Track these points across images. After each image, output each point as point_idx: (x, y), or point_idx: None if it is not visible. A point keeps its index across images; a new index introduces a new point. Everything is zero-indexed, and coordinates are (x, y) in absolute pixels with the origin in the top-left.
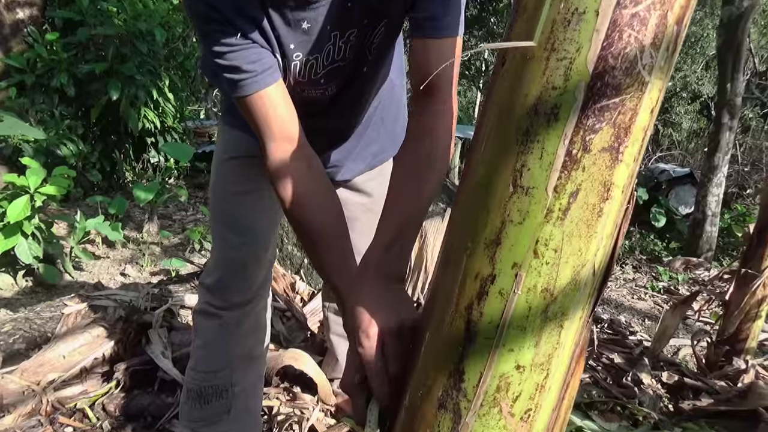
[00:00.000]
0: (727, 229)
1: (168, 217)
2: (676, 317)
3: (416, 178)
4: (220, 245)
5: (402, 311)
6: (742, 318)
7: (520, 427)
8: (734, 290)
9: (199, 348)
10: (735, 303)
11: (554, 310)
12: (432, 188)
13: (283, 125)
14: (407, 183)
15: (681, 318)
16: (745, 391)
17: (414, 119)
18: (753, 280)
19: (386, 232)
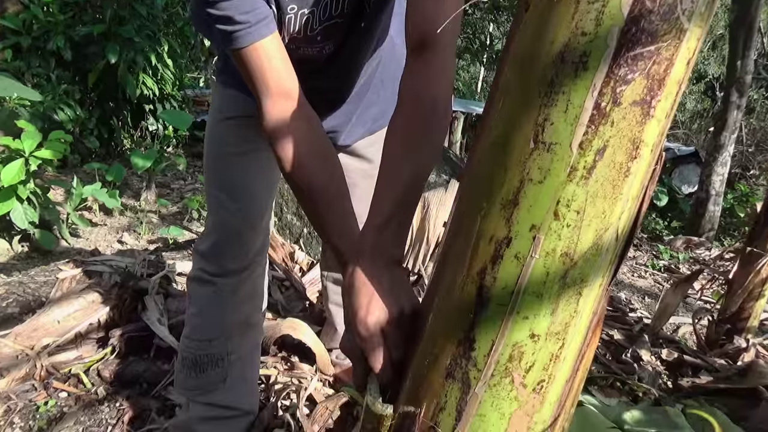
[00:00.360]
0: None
1: (166, 185)
2: (677, 295)
3: (413, 146)
4: (215, 210)
5: (401, 297)
6: (744, 297)
7: (532, 399)
8: (738, 269)
9: (193, 316)
10: (738, 282)
11: (573, 276)
12: (431, 157)
13: (279, 80)
14: (404, 152)
15: (682, 296)
16: (745, 369)
17: (409, 79)
18: (758, 259)
19: (382, 208)
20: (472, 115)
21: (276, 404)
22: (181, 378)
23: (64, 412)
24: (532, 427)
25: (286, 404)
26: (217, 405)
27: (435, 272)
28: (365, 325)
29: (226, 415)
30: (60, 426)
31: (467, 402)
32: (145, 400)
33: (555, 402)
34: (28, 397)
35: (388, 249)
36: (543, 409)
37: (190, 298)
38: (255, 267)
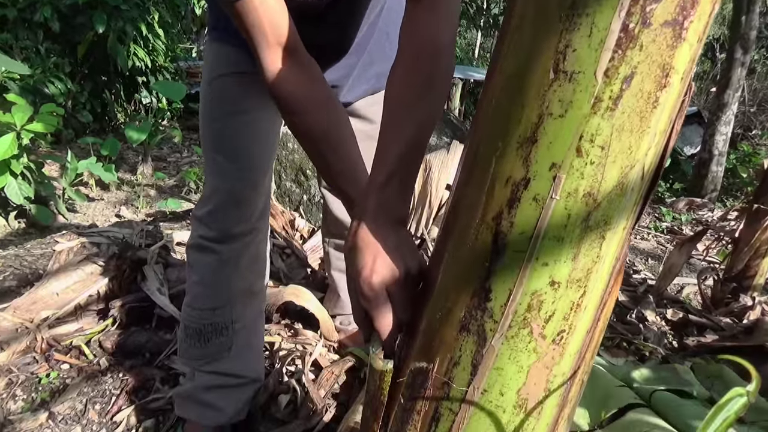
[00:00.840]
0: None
1: (162, 159)
2: (682, 255)
3: (416, 102)
4: (214, 173)
5: (407, 256)
6: (751, 255)
7: (552, 351)
8: (745, 227)
9: (195, 284)
10: (744, 240)
11: (596, 218)
12: (434, 114)
13: (277, 30)
14: (405, 108)
15: (687, 256)
16: (751, 327)
17: (410, 25)
18: (765, 216)
19: (383, 165)
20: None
21: (281, 370)
22: (184, 347)
23: (66, 383)
24: (551, 380)
25: (291, 370)
26: (222, 373)
27: (445, 223)
28: (369, 285)
29: (232, 384)
30: (63, 397)
31: (483, 355)
32: (149, 369)
33: (575, 353)
34: (29, 369)
35: (392, 207)
36: (562, 361)
37: (190, 266)
38: (257, 232)
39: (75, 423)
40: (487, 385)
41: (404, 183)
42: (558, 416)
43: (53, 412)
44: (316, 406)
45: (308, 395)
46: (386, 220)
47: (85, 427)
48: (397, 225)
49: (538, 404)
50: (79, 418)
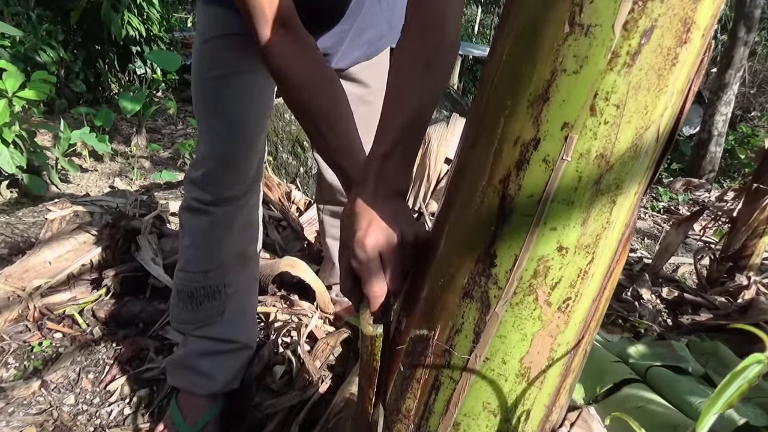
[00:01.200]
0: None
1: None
2: (679, 234)
3: (422, 73)
4: (207, 135)
5: (403, 224)
6: (748, 234)
7: (557, 319)
8: (743, 206)
9: (187, 248)
10: (742, 219)
11: (608, 181)
12: (439, 86)
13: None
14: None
15: (684, 235)
16: (746, 306)
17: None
18: (764, 195)
19: (386, 136)
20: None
21: (276, 341)
22: (176, 312)
23: (59, 352)
24: (555, 349)
25: (287, 341)
26: (214, 338)
27: (448, 188)
28: (363, 247)
29: (224, 349)
30: (56, 366)
31: (486, 323)
32: (143, 339)
33: (580, 322)
34: (21, 338)
35: (393, 178)
36: (567, 330)
37: (182, 229)
38: (251, 195)
39: (68, 392)
40: (490, 353)
41: (406, 155)
42: (560, 386)
43: (46, 381)
44: (311, 377)
45: (304, 366)
46: (386, 190)
47: (78, 395)
48: (396, 196)
49: (540, 373)
50: (72, 386)
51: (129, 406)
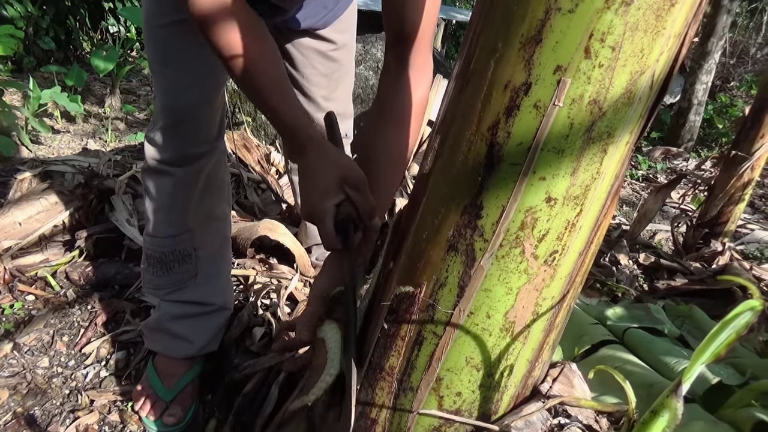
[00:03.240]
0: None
1: (132, 92)
2: (658, 201)
3: (406, 153)
4: (162, 88)
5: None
6: (725, 201)
7: (543, 272)
8: (721, 173)
9: (153, 211)
10: (720, 186)
11: (600, 128)
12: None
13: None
14: (398, 164)
15: (662, 202)
16: (720, 271)
17: (393, 83)
18: (742, 162)
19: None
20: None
21: (256, 303)
22: (148, 277)
23: (32, 314)
24: (539, 304)
25: (266, 303)
26: (189, 302)
27: (433, 138)
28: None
29: (199, 312)
30: (29, 328)
31: (471, 276)
32: (118, 302)
33: (566, 277)
34: None
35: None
36: (553, 284)
37: (146, 192)
38: (213, 153)
39: (42, 354)
40: (474, 308)
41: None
42: (544, 341)
43: (18, 343)
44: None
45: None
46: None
47: (52, 358)
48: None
49: (525, 328)
50: (46, 349)
51: (105, 368)
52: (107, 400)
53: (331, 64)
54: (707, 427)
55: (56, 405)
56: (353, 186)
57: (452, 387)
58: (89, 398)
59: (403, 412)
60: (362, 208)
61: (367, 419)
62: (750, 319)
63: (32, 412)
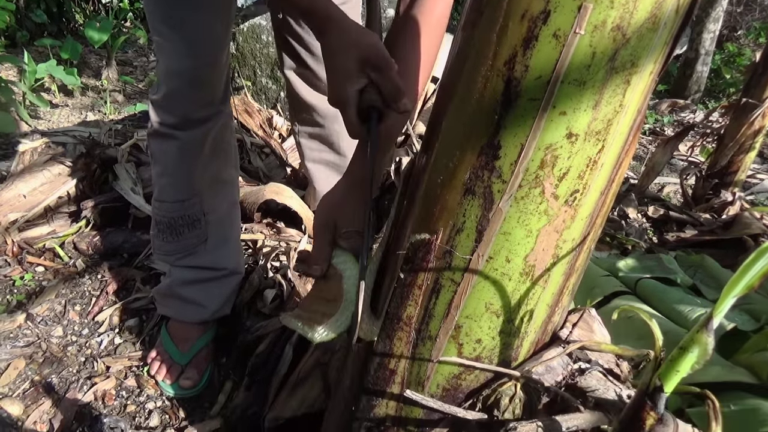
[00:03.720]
0: (715, 70)
1: (128, 63)
2: (666, 153)
3: (431, 51)
4: (164, 51)
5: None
6: (735, 150)
7: (563, 213)
8: (731, 122)
9: (159, 176)
10: (730, 135)
11: (623, 57)
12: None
13: None
14: (422, 57)
15: (671, 154)
16: (730, 222)
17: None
18: (753, 109)
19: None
20: None
21: (265, 266)
22: (158, 243)
23: (43, 285)
24: (560, 246)
25: (276, 266)
26: (200, 267)
27: (446, 78)
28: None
29: (211, 276)
30: (41, 299)
31: (489, 220)
32: (128, 270)
33: (586, 217)
34: (1, 272)
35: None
36: (573, 225)
37: (152, 157)
38: (219, 116)
39: (55, 323)
40: (493, 252)
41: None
42: (564, 285)
43: (31, 314)
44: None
45: (294, 290)
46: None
47: (66, 327)
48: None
49: (545, 272)
50: (59, 318)
51: (119, 335)
52: (123, 366)
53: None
54: (723, 371)
55: (73, 372)
56: (375, 67)
57: (472, 334)
58: (105, 365)
59: (422, 361)
60: (386, 91)
61: (386, 370)
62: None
63: (49, 380)
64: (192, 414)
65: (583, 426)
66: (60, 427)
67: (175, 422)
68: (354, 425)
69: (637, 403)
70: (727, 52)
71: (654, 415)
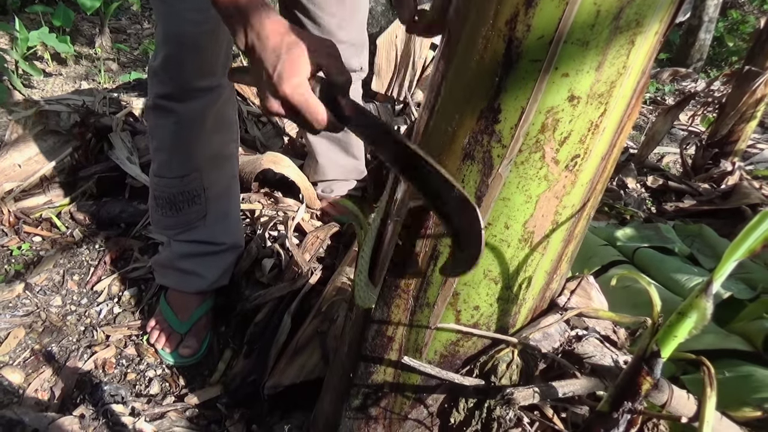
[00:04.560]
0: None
1: (122, 31)
2: (666, 122)
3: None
4: (162, 15)
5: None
6: (737, 119)
7: (564, 178)
8: (733, 90)
9: (157, 151)
10: (731, 103)
11: (629, 16)
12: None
13: None
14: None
15: (671, 123)
16: (729, 191)
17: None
18: (755, 77)
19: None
20: None
21: (264, 235)
22: (157, 217)
23: (40, 255)
24: (560, 212)
25: (274, 235)
26: (199, 241)
27: (446, 40)
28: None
29: (210, 251)
30: (39, 269)
31: (489, 185)
32: (126, 240)
33: (587, 183)
34: None
35: None
36: (573, 191)
37: (150, 131)
38: (221, 90)
39: (54, 293)
40: (492, 218)
41: None
42: (563, 252)
43: (30, 283)
44: (301, 269)
45: (293, 259)
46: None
47: (65, 297)
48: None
49: (544, 238)
50: (57, 288)
51: (118, 305)
52: (122, 335)
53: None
54: (718, 339)
55: (72, 341)
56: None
57: (469, 301)
58: (105, 333)
59: (420, 328)
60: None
61: (384, 337)
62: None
63: (50, 349)
64: (192, 381)
65: (580, 392)
66: (61, 395)
67: (175, 390)
68: (352, 392)
69: (634, 369)
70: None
71: (650, 380)
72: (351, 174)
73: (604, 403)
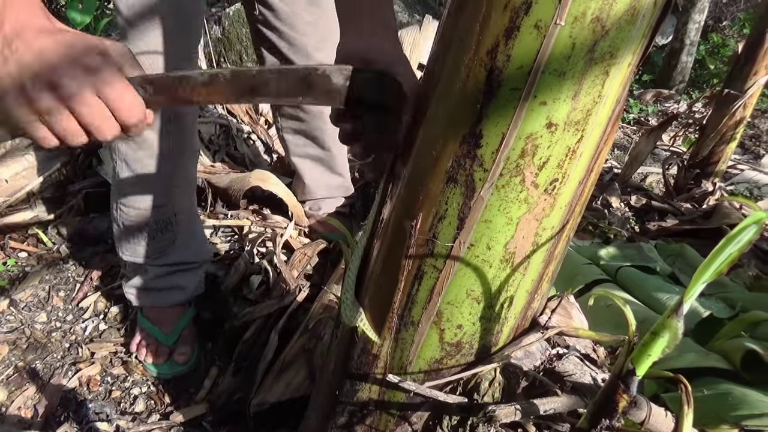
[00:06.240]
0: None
1: None
2: (649, 142)
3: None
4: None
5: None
6: (717, 141)
7: (543, 201)
8: (713, 112)
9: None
10: (712, 125)
11: (602, 48)
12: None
13: None
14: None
15: (654, 144)
16: (710, 211)
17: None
18: (734, 100)
19: None
20: None
21: (252, 252)
22: (128, 245)
23: (26, 271)
24: (539, 234)
25: (262, 252)
26: (172, 264)
27: (430, 68)
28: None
29: (182, 269)
30: (24, 285)
31: (471, 207)
32: (112, 256)
33: (565, 206)
34: None
35: None
36: (553, 214)
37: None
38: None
39: (39, 309)
40: (474, 239)
41: None
42: (543, 272)
43: (14, 299)
44: (289, 286)
45: (281, 276)
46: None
47: (50, 313)
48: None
49: (525, 259)
50: (43, 304)
51: (104, 321)
52: (108, 351)
53: (317, 10)
54: (698, 357)
55: (57, 358)
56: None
57: (453, 320)
58: (90, 350)
59: (405, 346)
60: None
61: (369, 355)
62: (754, 235)
63: (34, 366)
64: (177, 399)
65: (560, 409)
66: (45, 412)
67: (160, 407)
68: (338, 409)
69: (611, 387)
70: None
71: (627, 397)
72: (338, 191)
73: (583, 420)
